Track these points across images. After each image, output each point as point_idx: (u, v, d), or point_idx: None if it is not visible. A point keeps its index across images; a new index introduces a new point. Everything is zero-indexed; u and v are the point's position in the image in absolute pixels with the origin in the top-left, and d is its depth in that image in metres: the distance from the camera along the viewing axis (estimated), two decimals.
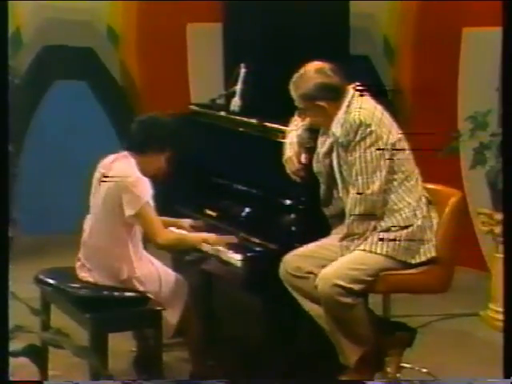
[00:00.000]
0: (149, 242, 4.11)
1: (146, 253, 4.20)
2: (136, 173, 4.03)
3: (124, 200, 3.97)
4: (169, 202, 4.29)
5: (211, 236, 4.06)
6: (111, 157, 4.17)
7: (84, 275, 4.13)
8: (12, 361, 2.76)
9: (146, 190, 3.99)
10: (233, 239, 4.04)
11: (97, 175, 4.15)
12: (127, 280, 4.06)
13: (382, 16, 6.76)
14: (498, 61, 5.88)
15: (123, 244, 4.06)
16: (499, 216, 5.17)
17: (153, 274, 4.12)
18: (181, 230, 4.24)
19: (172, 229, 4.21)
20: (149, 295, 4.06)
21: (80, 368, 3.96)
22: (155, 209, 4.03)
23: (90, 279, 4.10)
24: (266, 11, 6.31)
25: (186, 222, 4.29)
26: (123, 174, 4.02)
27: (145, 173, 4.05)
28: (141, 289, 4.07)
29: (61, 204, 6.42)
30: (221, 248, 3.99)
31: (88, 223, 4.19)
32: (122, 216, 3.99)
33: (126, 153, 4.13)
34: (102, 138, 6.34)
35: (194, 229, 4.26)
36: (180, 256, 4.36)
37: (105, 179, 4.06)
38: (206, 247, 4.04)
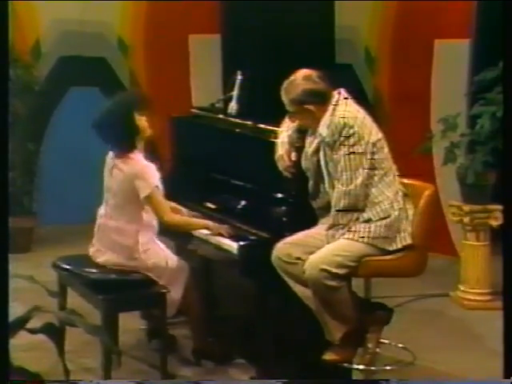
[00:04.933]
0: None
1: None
2: (142, 160, 4.04)
3: (138, 185, 3.97)
4: (173, 196, 4.26)
5: (214, 224, 4.04)
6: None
7: (98, 258, 4.09)
8: (29, 337, 2.74)
9: (154, 174, 4.01)
10: (228, 229, 4.01)
11: (108, 165, 4.15)
12: (139, 256, 4.03)
13: (364, 29, 6.74)
14: (466, 68, 5.89)
15: (137, 222, 4.04)
16: (467, 208, 5.17)
17: (160, 253, 4.10)
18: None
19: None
20: (154, 275, 4.03)
21: (92, 345, 3.94)
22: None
23: (104, 259, 4.07)
24: (260, 25, 6.31)
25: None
26: (132, 163, 4.02)
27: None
28: (149, 263, 4.03)
29: (76, 197, 6.38)
30: (219, 237, 3.98)
31: (102, 210, 4.17)
32: (137, 198, 3.99)
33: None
34: None
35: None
36: (183, 243, 4.34)
37: (117, 169, 4.07)
38: (206, 232, 4.03)
